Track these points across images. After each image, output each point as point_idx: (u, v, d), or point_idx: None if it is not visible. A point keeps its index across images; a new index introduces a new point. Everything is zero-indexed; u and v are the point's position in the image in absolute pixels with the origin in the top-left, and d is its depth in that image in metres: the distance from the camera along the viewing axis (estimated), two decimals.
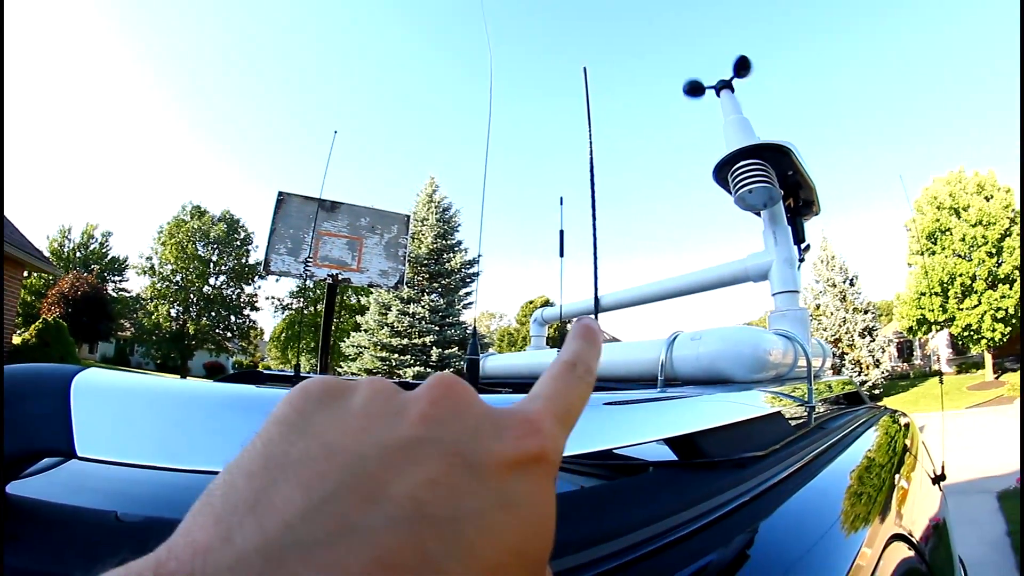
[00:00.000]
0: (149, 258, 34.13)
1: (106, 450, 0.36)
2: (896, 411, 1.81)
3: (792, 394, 1.10)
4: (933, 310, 23.11)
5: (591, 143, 1.90)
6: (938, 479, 1.57)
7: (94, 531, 0.38)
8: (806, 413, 1.15)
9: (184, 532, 0.16)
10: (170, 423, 0.40)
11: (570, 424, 0.23)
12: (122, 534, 0.38)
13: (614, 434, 0.55)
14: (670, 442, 0.67)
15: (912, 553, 0.84)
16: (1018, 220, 22.12)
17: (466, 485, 0.18)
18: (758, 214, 1.74)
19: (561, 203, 1.37)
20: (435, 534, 0.16)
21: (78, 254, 35.25)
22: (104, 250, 36.23)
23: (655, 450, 0.69)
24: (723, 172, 1.75)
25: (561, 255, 1.32)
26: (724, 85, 2.08)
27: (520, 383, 1.81)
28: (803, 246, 1.75)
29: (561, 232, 1.33)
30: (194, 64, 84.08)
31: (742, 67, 2.09)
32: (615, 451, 0.77)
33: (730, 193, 1.72)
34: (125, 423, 0.39)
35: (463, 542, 0.16)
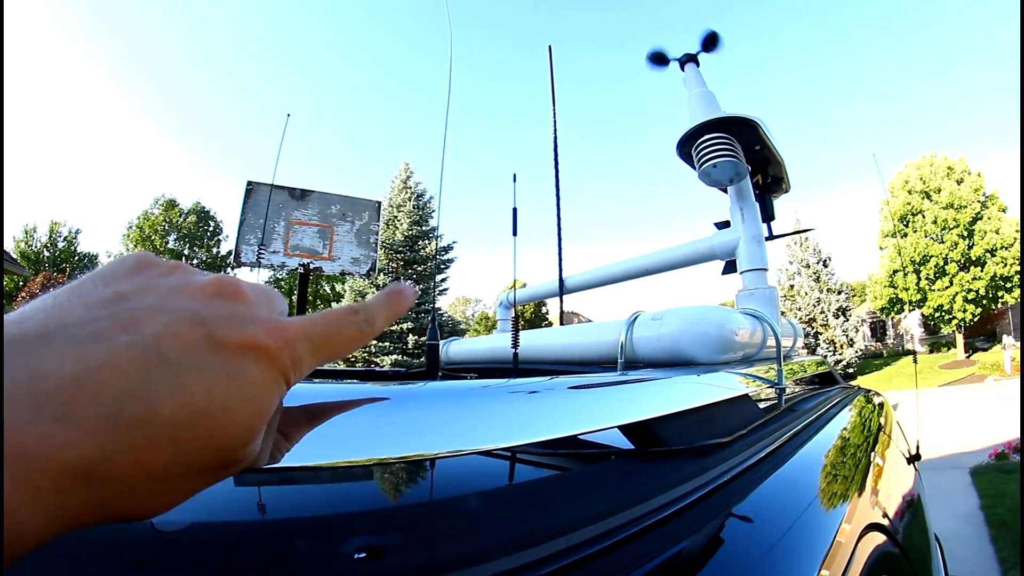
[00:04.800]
0: (120, 253, 33.60)
1: None
2: (870, 391, 1.79)
3: (761, 375, 1.05)
4: (908, 289, 23.50)
5: (555, 122, 1.86)
6: (913, 458, 1.55)
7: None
8: (776, 395, 1.11)
9: (31, 304, 0.22)
10: None
11: (322, 352, 0.26)
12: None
13: (575, 420, 0.53)
14: (626, 430, 0.62)
15: (886, 538, 0.81)
16: (988, 204, 22.61)
17: (201, 346, 0.21)
18: (724, 191, 1.70)
19: (515, 180, 1.32)
20: (161, 367, 0.20)
21: (46, 253, 34.51)
22: (73, 248, 35.52)
23: (621, 438, 0.65)
24: (687, 147, 1.69)
25: (515, 234, 1.28)
26: (689, 58, 2.02)
27: (485, 368, 1.75)
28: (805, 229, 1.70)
29: (514, 210, 1.29)
30: (150, 52, 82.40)
31: (711, 42, 2.04)
32: (580, 439, 0.72)
33: (694, 168, 1.66)
34: None
35: (180, 382, 0.20)
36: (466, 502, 0.48)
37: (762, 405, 1.00)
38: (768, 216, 1.72)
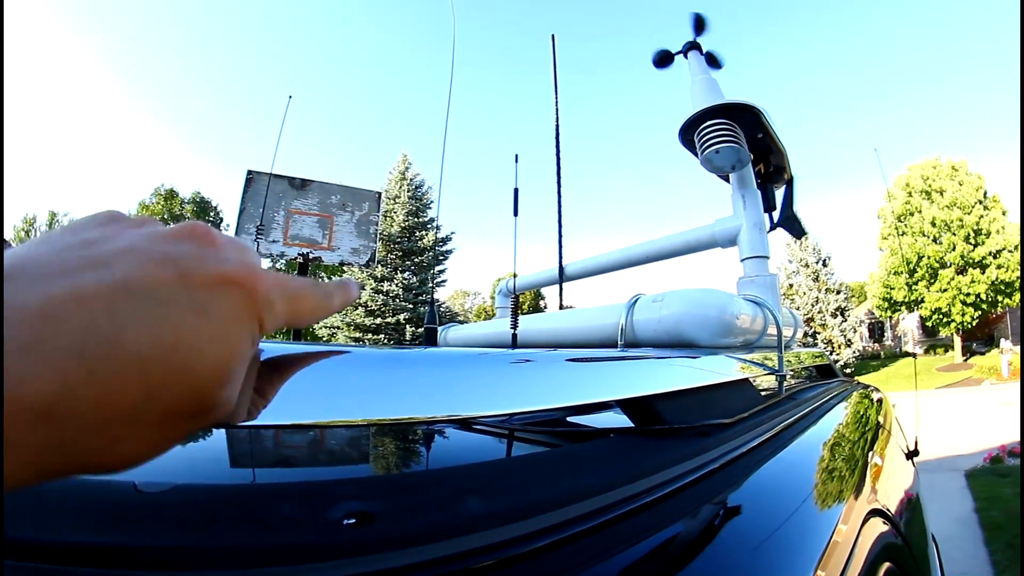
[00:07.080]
0: None
1: None
2: (869, 386, 1.78)
3: (761, 362, 1.04)
4: (901, 289, 23.48)
5: (556, 112, 1.85)
6: (911, 455, 1.54)
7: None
8: (776, 382, 1.09)
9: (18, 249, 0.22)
10: None
11: (291, 306, 0.27)
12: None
13: (575, 390, 0.52)
14: (626, 406, 0.60)
15: (890, 528, 0.80)
16: (988, 205, 22.55)
17: (171, 282, 0.21)
18: (726, 179, 1.69)
19: (516, 160, 1.32)
20: (129, 301, 0.19)
21: None
22: None
23: (619, 417, 0.64)
24: (689, 133, 1.68)
25: (515, 214, 1.29)
26: (692, 46, 2.03)
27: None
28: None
29: (516, 190, 1.30)
30: (150, 42, 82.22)
31: (699, 25, 2.07)
32: (575, 417, 0.72)
33: (696, 155, 1.65)
34: None
35: (147, 317, 0.19)
36: (459, 471, 0.47)
37: (763, 391, 0.99)
38: (769, 206, 1.71)
